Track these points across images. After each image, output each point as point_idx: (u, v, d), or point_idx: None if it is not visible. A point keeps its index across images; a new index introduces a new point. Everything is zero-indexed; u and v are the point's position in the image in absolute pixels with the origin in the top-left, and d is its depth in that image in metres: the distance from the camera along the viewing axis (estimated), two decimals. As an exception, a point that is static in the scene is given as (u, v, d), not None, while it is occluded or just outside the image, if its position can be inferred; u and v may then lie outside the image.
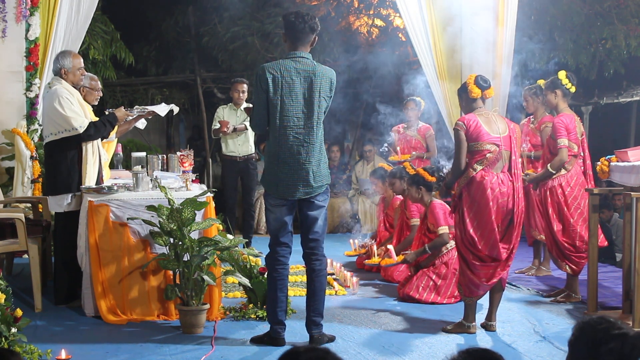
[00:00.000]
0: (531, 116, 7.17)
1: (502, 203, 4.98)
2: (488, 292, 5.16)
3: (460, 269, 5.16)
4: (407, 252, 6.35)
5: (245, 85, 8.35)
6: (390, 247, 6.57)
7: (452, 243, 6.03)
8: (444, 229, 6.09)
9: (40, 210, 6.68)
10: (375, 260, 6.79)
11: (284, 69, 4.63)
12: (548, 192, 6.14)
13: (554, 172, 6.10)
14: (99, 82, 6.39)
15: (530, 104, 7.04)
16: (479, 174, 4.97)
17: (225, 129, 8.11)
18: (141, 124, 6.64)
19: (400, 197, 7.22)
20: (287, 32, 4.72)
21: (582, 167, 6.25)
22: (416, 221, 6.79)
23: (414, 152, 8.09)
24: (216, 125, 8.31)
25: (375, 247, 7.02)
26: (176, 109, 6.51)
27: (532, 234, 7.08)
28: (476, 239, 4.98)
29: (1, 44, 7.69)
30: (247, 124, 8.06)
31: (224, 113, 8.34)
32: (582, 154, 6.25)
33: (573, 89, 6.17)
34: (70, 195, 5.63)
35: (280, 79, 4.61)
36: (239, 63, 11.24)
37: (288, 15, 4.73)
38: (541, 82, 7.00)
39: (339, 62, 10.44)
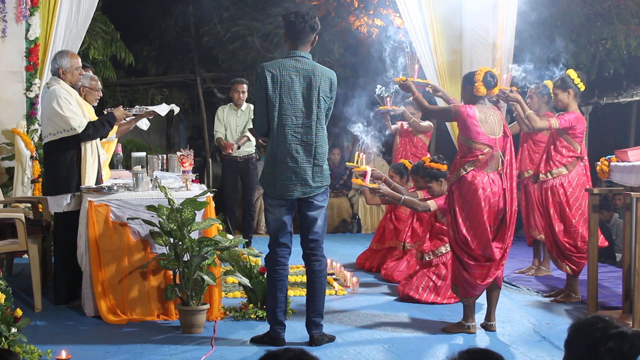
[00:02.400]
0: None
1: (494, 203, 5.00)
2: (485, 292, 5.17)
3: (455, 269, 5.16)
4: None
5: (245, 86, 8.34)
6: (368, 168, 6.38)
7: None
8: (431, 203, 6.06)
9: (40, 210, 6.68)
10: (360, 167, 6.48)
11: (283, 68, 4.63)
12: (549, 192, 6.14)
13: (524, 116, 6.02)
14: (99, 82, 6.39)
15: (534, 101, 7.01)
16: (470, 174, 4.99)
17: (231, 151, 8.15)
18: (144, 124, 6.64)
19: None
20: (287, 31, 4.72)
21: (584, 170, 6.23)
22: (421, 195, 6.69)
23: (402, 107, 7.85)
24: (219, 128, 8.28)
25: (362, 155, 6.71)
26: (177, 109, 6.51)
27: (531, 234, 7.07)
28: (469, 238, 4.99)
29: (1, 44, 7.69)
30: (249, 135, 8.13)
31: (224, 114, 8.33)
32: (584, 158, 6.23)
33: (583, 88, 6.15)
34: (69, 195, 5.62)
35: (279, 77, 4.62)
36: (239, 63, 11.24)
37: (288, 15, 4.73)
38: (548, 82, 6.98)
39: (341, 61, 10.44)
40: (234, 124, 8.28)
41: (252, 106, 8.28)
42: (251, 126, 8.06)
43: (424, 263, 6.20)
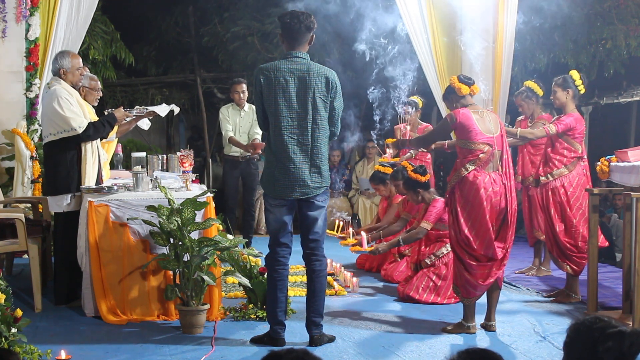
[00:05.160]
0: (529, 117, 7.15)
1: (496, 202, 4.99)
2: (485, 292, 5.17)
3: (456, 270, 5.16)
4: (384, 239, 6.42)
5: (244, 85, 8.34)
6: (363, 233, 6.59)
7: None
8: (425, 224, 6.18)
9: (40, 210, 6.68)
10: (349, 241, 6.83)
11: (278, 70, 4.63)
12: (550, 193, 6.14)
13: (517, 137, 6.12)
14: (98, 82, 6.39)
15: (525, 108, 7.03)
16: (471, 174, 4.98)
17: (260, 151, 8.18)
18: (145, 124, 6.64)
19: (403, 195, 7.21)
20: (284, 32, 4.72)
21: (584, 170, 6.22)
22: (407, 215, 6.84)
23: (403, 156, 8.00)
24: (228, 126, 8.26)
25: (351, 230, 7.07)
26: (177, 110, 6.50)
27: (534, 235, 7.07)
28: (471, 238, 4.98)
29: (1, 44, 7.69)
30: (259, 138, 8.19)
31: (229, 113, 8.33)
32: (584, 157, 6.23)
33: (583, 91, 6.14)
34: (69, 195, 5.63)
35: (274, 79, 4.62)
36: (239, 63, 11.23)
37: (283, 16, 4.72)
38: (528, 83, 6.99)
39: (341, 60, 10.40)
40: (237, 124, 8.29)
41: (254, 107, 8.30)
42: (256, 128, 8.20)
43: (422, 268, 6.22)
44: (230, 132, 8.25)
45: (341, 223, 7.84)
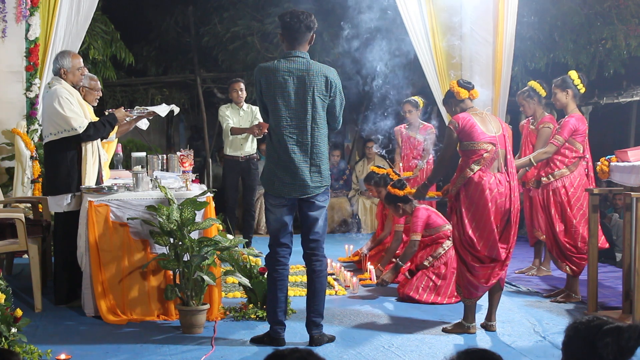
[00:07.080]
0: (531, 117, 7.15)
1: (501, 203, 4.98)
2: (487, 292, 5.17)
3: (458, 270, 5.16)
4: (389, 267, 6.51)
5: (242, 84, 8.37)
6: (372, 267, 6.68)
7: (448, 242, 6.07)
8: (414, 236, 6.22)
9: (40, 210, 6.68)
10: (365, 276, 6.98)
11: (277, 70, 4.63)
12: (551, 193, 6.14)
13: (534, 163, 6.17)
14: (98, 82, 6.39)
15: (526, 107, 7.03)
16: (477, 175, 4.97)
17: (266, 130, 8.18)
18: (144, 124, 6.64)
19: None
20: (284, 32, 4.72)
21: (586, 170, 6.22)
22: (400, 227, 6.88)
23: (416, 168, 8.03)
24: (228, 120, 8.26)
25: (367, 262, 7.16)
26: (177, 110, 6.50)
27: (535, 235, 7.07)
28: (475, 239, 4.97)
29: (1, 44, 7.69)
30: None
31: (228, 112, 8.33)
32: (586, 157, 6.23)
33: (583, 90, 6.15)
34: (70, 195, 5.63)
35: (273, 79, 4.62)
36: (239, 63, 11.24)
37: (283, 15, 4.72)
38: (532, 83, 6.99)
39: (341, 60, 10.40)
40: (237, 124, 8.29)
41: (253, 107, 8.34)
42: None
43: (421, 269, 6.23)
44: (231, 123, 8.26)
45: (351, 247, 7.92)
